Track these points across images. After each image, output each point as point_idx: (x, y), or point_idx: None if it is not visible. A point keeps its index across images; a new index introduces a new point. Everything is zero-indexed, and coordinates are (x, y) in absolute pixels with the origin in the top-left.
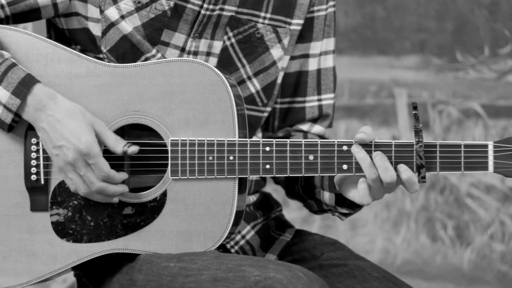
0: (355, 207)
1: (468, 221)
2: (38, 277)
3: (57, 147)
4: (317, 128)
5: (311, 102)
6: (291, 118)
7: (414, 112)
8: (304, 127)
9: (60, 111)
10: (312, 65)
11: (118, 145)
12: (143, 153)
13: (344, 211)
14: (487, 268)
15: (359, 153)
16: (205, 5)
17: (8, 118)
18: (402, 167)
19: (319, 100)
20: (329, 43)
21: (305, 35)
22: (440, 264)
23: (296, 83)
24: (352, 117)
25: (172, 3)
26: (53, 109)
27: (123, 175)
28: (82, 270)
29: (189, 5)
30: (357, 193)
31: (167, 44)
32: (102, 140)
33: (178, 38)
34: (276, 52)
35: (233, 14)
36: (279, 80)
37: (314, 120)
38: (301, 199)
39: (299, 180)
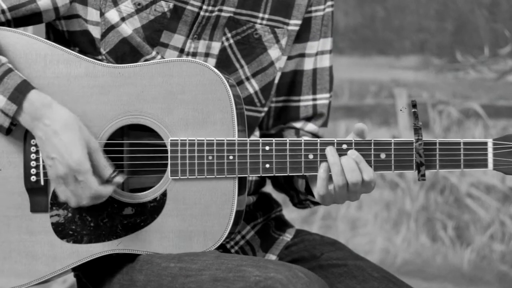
0: None
1: (468, 221)
2: (38, 278)
3: (50, 159)
4: (311, 126)
5: (305, 101)
6: (285, 117)
7: (413, 110)
8: (297, 124)
9: (57, 121)
10: (308, 64)
11: (106, 171)
12: (143, 153)
13: (312, 199)
14: (487, 268)
15: (332, 158)
16: (204, 6)
17: (5, 122)
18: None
19: (314, 99)
20: (326, 43)
21: (302, 35)
22: (440, 264)
23: (291, 82)
24: (352, 117)
25: (171, 5)
26: (50, 118)
27: (110, 189)
28: (82, 271)
29: (188, 7)
30: (316, 183)
31: (166, 46)
32: (93, 159)
33: (177, 40)
34: (274, 52)
35: (232, 15)
36: (276, 80)
37: (308, 119)
38: (284, 191)
39: None
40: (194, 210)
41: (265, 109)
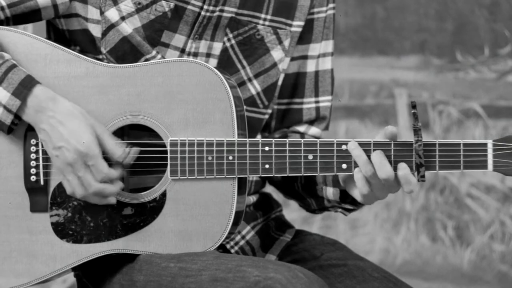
0: (358, 203)
1: (468, 221)
2: (38, 277)
3: (57, 148)
4: (314, 130)
5: (308, 104)
6: (288, 120)
7: (413, 111)
8: (301, 128)
9: (60, 112)
10: (310, 66)
11: (118, 149)
12: (143, 153)
13: (348, 206)
14: (487, 268)
15: (354, 150)
16: (205, 6)
17: (8, 119)
18: (402, 165)
19: (317, 102)
20: (327, 45)
21: (304, 36)
22: (440, 264)
23: (294, 85)
24: (352, 117)
25: (172, 5)
26: (54, 110)
27: (121, 172)
28: (82, 271)
29: (189, 6)
30: (357, 188)
31: (167, 45)
32: (101, 143)
33: (178, 39)
34: (276, 53)
35: (233, 15)
36: (279, 82)
37: (311, 122)
38: (299, 198)
39: (298, 178)
40: (193, 210)
41: (269, 111)
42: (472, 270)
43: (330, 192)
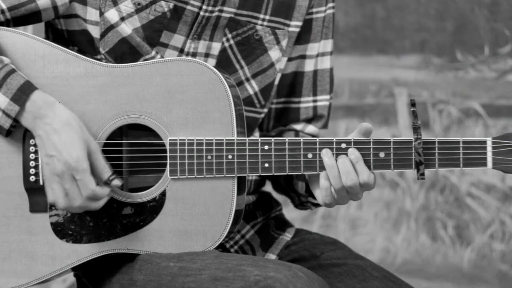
0: None
1: (468, 220)
2: (38, 278)
3: (48, 156)
4: (311, 128)
5: (306, 103)
6: (285, 118)
7: (412, 109)
8: (298, 126)
9: (58, 121)
10: (308, 66)
11: (105, 173)
12: (142, 153)
13: (315, 201)
14: (487, 267)
15: (328, 160)
16: (204, 7)
17: (6, 123)
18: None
19: (315, 101)
20: (326, 45)
21: (303, 36)
22: (440, 263)
23: (292, 84)
24: (352, 116)
25: (171, 5)
26: (52, 117)
27: (106, 191)
28: (82, 270)
29: (188, 7)
30: (320, 192)
31: (166, 46)
32: (92, 161)
33: (177, 40)
34: (274, 53)
35: (232, 15)
36: (276, 82)
37: (308, 121)
38: (285, 193)
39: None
40: (193, 209)
41: (265, 110)
42: (472, 270)
43: (299, 186)
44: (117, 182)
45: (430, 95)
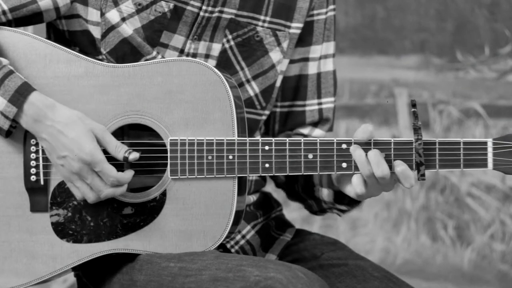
0: (353, 203)
1: (468, 221)
2: (38, 277)
3: (61, 158)
4: (318, 132)
5: (311, 106)
6: (291, 122)
7: (413, 109)
8: (305, 131)
9: (59, 121)
10: (312, 69)
11: (120, 150)
12: (143, 153)
13: (343, 207)
14: (488, 268)
15: (356, 150)
16: (203, 7)
17: (5, 124)
18: (397, 162)
19: (319, 104)
20: (329, 47)
21: (305, 38)
22: (441, 264)
23: (296, 87)
24: (352, 117)
25: (172, 5)
26: (52, 119)
27: (130, 174)
28: (83, 270)
29: (189, 7)
30: (352, 186)
31: (166, 46)
32: (103, 146)
33: (177, 40)
34: (275, 55)
35: (233, 17)
36: (278, 84)
37: (315, 124)
38: (301, 200)
39: (298, 180)
40: (193, 209)
41: (266, 112)
42: (473, 270)
43: (325, 194)
44: (134, 155)
45: (430, 96)
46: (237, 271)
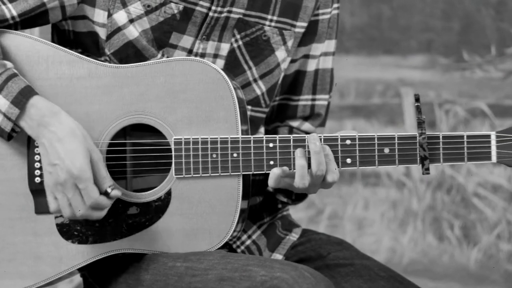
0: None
1: (475, 220)
2: (44, 279)
3: (52, 165)
4: (307, 126)
5: (304, 101)
6: (282, 115)
7: (416, 104)
8: (294, 123)
9: (63, 129)
10: (310, 66)
11: (105, 182)
12: (147, 152)
13: (282, 198)
14: (494, 267)
15: (300, 159)
16: (213, 7)
17: (8, 126)
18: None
19: (313, 99)
20: (330, 45)
21: (307, 37)
22: (447, 263)
23: (292, 82)
24: (358, 116)
25: (181, 7)
26: (57, 126)
27: (109, 202)
28: (89, 271)
29: (198, 8)
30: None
31: (175, 47)
32: (93, 171)
33: (186, 40)
34: (280, 54)
35: (241, 16)
36: (280, 81)
37: (305, 118)
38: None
39: None
40: (199, 208)
41: (268, 108)
42: (479, 270)
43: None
44: (116, 192)
45: (437, 95)
46: (243, 271)
